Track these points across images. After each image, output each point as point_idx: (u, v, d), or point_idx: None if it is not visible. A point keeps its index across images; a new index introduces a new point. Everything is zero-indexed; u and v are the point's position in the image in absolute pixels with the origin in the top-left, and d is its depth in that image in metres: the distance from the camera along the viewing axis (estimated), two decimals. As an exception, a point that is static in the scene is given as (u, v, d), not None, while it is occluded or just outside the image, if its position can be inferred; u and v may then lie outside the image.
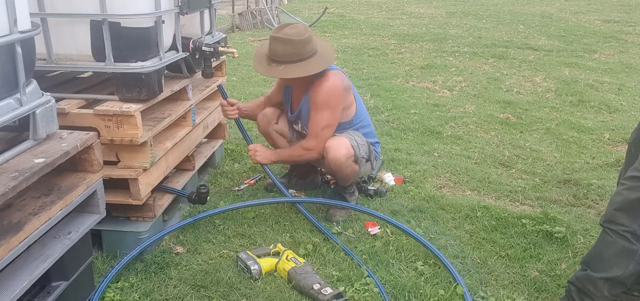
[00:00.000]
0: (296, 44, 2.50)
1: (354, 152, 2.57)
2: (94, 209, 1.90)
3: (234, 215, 2.72)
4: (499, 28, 9.66)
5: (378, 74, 6.08)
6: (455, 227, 2.65)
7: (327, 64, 2.60)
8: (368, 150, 2.71)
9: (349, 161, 2.57)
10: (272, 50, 2.56)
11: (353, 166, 2.60)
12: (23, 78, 1.61)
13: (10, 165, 1.58)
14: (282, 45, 2.51)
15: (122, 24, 2.13)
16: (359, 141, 2.64)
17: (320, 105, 2.57)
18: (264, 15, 10.03)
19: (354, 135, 2.65)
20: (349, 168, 2.59)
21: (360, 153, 2.62)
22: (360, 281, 2.18)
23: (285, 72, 2.55)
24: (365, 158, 2.68)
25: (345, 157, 2.55)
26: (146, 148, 2.26)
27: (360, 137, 2.68)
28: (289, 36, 2.50)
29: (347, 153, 2.55)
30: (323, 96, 2.56)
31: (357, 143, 2.62)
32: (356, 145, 2.60)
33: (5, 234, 1.48)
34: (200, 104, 2.99)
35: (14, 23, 1.53)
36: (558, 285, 2.19)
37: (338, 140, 2.58)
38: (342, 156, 2.54)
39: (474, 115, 4.52)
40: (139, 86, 2.22)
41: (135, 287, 2.13)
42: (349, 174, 2.62)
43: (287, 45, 2.50)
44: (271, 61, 2.58)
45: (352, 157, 2.57)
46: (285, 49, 2.51)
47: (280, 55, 2.53)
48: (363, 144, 2.67)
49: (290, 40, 2.50)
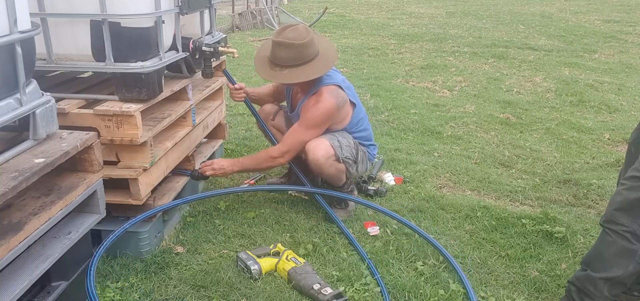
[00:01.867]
0: (299, 48, 2.51)
1: (334, 152, 2.57)
2: (94, 209, 1.90)
3: (234, 215, 2.72)
4: (499, 28, 9.66)
5: (378, 74, 6.08)
6: (455, 227, 2.65)
7: (330, 67, 2.62)
8: (355, 152, 2.69)
9: (330, 161, 2.56)
10: (274, 55, 2.57)
11: (336, 165, 2.59)
12: (23, 78, 1.61)
13: (10, 165, 1.58)
14: (285, 49, 2.52)
15: (122, 24, 2.13)
16: (342, 142, 2.63)
17: (308, 122, 2.59)
18: (264, 15, 10.03)
19: (338, 136, 2.64)
20: (332, 168, 2.59)
21: (343, 154, 2.61)
22: (360, 281, 2.17)
23: (289, 76, 2.56)
24: (351, 159, 2.67)
25: (324, 157, 2.55)
26: (146, 148, 2.26)
27: (346, 139, 2.67)
28: (291, 40, 2.51)
29: (325, 154, 2.55)
30: (315, 116, 2.58)
31: (340, 144, 2.61)
32: (338, 146, 2.59)
33: (5, 234, 1.48)
34: (200, 104, 2.99)
35: (14, 23, 1.53)
36: (558, 285, 2.19)
37: (317, 141, 2.58)
38: (320, 156, 2.54)
39: (474, 115, 4.52)
40: (139, 86, 2.22)
41: (135, 287, 2.13)
42: (333, 174, 2.62)
43: (290, 49, 2.51)
44: (274, 65, 2.59)
45: (332, 156, 2.57)
46: (288, 53, 2.52)
47: (283, 60, 2.54)
48: (348, 146, 2.65)
49: (292, 44, 2.50)
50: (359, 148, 2.74)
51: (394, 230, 2.58)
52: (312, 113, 2.58)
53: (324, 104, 2.56)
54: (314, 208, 2.82)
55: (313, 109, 2.58)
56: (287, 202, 2.87)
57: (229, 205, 2.81)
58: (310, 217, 2.73)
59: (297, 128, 2.62)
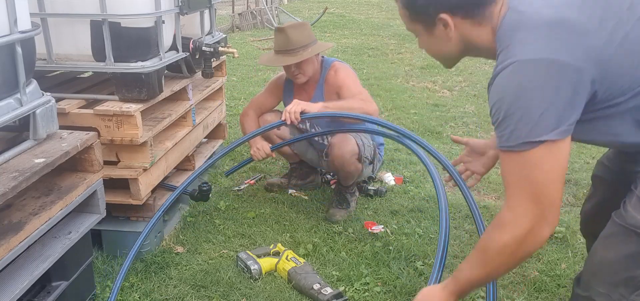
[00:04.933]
0: (306, 27, 2.70)
1: (359, 150, 2.59)
2: (94, 209, 1.90)
3: (234, 215, 2.72)
4: (499, 28, 9.65)
5: (378, 74, 6.08)
6: (455, 227, 2.65)
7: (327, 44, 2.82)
8: (373, 152, 2.73)
9: (353, 158, 2.58)
10: (287, 41, 2.61)
11: (356, 164, 2.61)
12: (23, 78, 1.61)
13: (11, 165, 1.58)
14: (296, 30, 2.63)
15: (122, 24, 2.13)
16: (365, 141, 2.67)
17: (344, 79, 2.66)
18: (264, 15, 10.03)
19: (361, 135, 2.68)
20: (353, 166, 2.60)
21: (365, 153, 2.65)
22: (360, 281, 2.18)
23: (313, 50, 2.63)
24: (369, 159, 2.70)
25: (350, 153, 2.56)
26: (146, 148, 2.26)
27: (367, 138, 2.70)
28: (297, 24, 2.69)
29: (351, 150, 2.57)
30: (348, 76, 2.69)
31: (363, 143, 2.64)
32: (362, 145, 2.63)
33: (5, 234, 1.48)
34: (200, 104, 2.99)
35: (14, 23, 1.53)
36: (558, 285, 2.19)
37: (344, 136, 2.59)
38: (346, 152, 2.55)
39: (474, 115, 4.52)
40: (139, 86, 2.22)
41: (135, 287, 2.13)
42: (352, 172, 2.63)
43: (301, 29, 2.65)
44: (287, 51, 2.62)
45: (356, 154, 2.59)
46: (301, 32, 2.64)
47: (296, 41, 2.61)
48: (369, 145, 2.69)
49: (301, 24, 2.69)
50: (376, 150, 2.78)
51: (394, 230, 2.58)
52: (346, 76, 2.69)
53: (345, 66, 2.74)
54: (314, 208, 2.82)
55: (339, 71, 2.70)
56: (287, 202, 2.88)
57: (229, 205, 2.81)
58: (310, 217, 2.73)
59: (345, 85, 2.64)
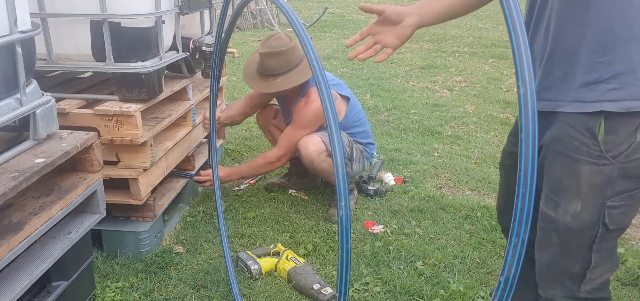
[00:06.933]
0: (287, 54, 2.57)
1: (326, 147, 2.59)
2: (94, 209, 1.90)
3: (234, 215, 2.72)
4: (498, 28, 9.66)
5: (378, 74, 6.08)
6: (455, 227, 2.65)
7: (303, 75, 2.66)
8: (349, 150, 2.71)
9: (322, 156, 2.59)
10: (265, 66, 2.61)
11: (328, 160, 2.61)
12: (23, 78, 1.61)
13: (11, 165, 1.58)
14: (274, 58, 2.57)
15: (122, 24, 2.13)
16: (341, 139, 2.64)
17: (300, 123, 2.65)
18: (264, 15, 10.03)
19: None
20: (325, 163, 2.60)
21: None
22: (360, 281, 2.18)
23: (283, 83, 2.60)
24: (347, 156, 2.69)
25: (316, 152, 2.58)
26: (146, 148, 2.26)
27: (345, 137, 2.70)
28: (277, 48, 2.56)
29: (316, 149, 2.58)
30: (305, 116, 2.64)
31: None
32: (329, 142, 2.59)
33: (5, 234, 1.48)
34: (200, 104, 2.99)
35: (14, 23, 1.53)
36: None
37: (308, 137, 2.62)
38: (311, 152, 2.57)
39: (473, 115, 4.52)
40: (139, 86, 2.22)
41: (135, 287, 2.13)
42: (327, 169, 2.63)
43: (279, 57, 2.56)
44: (266, 77, 2.64)
45: (324, 152, 2.59)
46: (279, 61, 2.57)
47: (275, 69, 2.59)
48: (345, 144, 2.67)
49: (280, 51, 2.56)
50: (354, 147, 2.75)
51: (394, 230, 2.59)
52: (303, 114, 2.64)
53: (314, 104, 2.63)
54: (314, 208, 2.82)
55: (304, 110, 2.65)
56: (287, 202, 2.88)
57: (229, 205, 2.82)
58: (310, 217, 2.73)
59: (290, 131, 2.68)
